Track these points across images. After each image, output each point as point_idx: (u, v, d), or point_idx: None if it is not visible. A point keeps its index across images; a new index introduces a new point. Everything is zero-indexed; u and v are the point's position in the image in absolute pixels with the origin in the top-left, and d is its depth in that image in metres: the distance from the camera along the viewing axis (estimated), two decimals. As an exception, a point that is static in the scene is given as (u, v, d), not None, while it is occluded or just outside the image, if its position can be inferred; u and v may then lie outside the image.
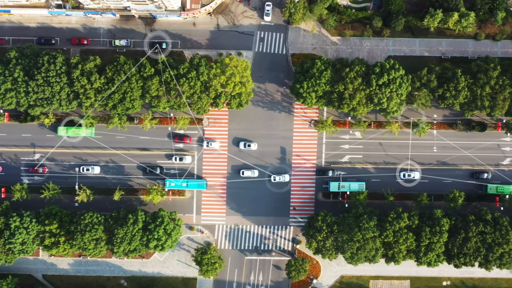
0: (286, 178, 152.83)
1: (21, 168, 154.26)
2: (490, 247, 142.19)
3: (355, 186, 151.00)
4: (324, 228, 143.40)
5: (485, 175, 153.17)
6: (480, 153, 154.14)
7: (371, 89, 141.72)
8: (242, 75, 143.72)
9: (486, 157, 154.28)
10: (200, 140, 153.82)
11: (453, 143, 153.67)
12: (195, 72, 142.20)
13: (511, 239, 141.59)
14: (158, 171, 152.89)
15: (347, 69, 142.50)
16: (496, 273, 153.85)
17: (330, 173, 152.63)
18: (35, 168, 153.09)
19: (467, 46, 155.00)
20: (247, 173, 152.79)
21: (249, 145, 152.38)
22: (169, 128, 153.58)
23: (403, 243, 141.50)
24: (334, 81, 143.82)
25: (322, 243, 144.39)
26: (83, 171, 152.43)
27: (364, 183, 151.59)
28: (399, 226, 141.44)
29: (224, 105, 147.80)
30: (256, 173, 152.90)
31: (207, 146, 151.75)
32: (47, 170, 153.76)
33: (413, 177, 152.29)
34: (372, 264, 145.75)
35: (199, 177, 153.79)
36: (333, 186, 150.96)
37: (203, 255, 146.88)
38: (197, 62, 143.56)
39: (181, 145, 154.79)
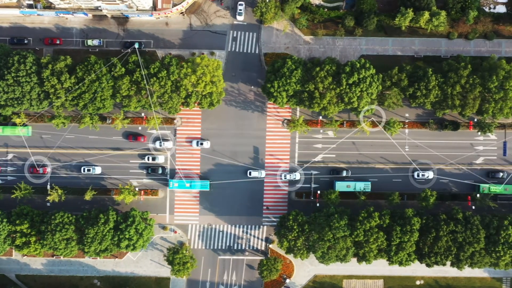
0: (295, 176, 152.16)
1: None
2: (461, 246, 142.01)
3: (360, 185, 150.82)
4: (295, 227, 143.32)
5: (500, 174, 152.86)
6: (453, 152, 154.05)
7: (341, 88, 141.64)
8: (213, 75, 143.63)
9: (459, 156, 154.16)
10: (167, 139, 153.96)
11: (426, 142, 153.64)
12: (165, 71, 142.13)
13: (482, 238, 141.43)
14: (160, 171, 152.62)
15: (318, 68, 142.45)
16: (469, 272, 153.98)
17: (344, 173, 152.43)
18: (36, 169, 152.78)
19: (440, 45, 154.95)
20: (254, 174, 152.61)
21: (201, 143, 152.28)
22: (140, 128, 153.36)
23: (374, 242, 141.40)
24: (305, 80, 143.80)
25: (293, 242, 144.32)
26: (84, 171, 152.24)
27: (369, 183, 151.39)
28: (369, 226, 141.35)
29: (195, 104, 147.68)
30: (263, 173, 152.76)
31: (160, 146, 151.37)
32: (47, 170, 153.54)
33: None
34: (344, 263, 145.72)
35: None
36: (339, 186, 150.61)
37: (175, 255, 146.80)
38: (168, 62, 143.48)
39: (153, 145, 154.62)
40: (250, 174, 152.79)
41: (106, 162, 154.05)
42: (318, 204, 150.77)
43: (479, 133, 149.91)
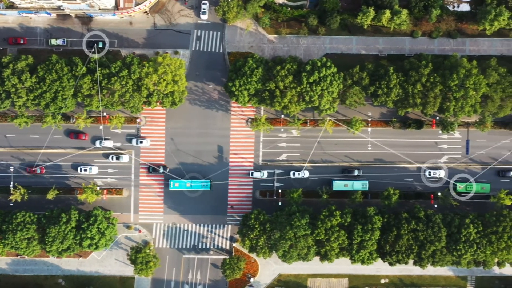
0: (304, 173, 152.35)
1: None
2: (423, 244, 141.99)
3: (358, 185, 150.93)
4: (256, 226, 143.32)
5: (511, 173, 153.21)
6: (417, 151, 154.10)
7: (302, 87, 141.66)
8: (175, 74, 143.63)
9: (423, 154, 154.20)
10: (129, 139, 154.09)
11: (390, 140, 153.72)
12: (127, 70, 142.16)
13: (443, 237, 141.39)
14: (161, 170, 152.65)
15: (279, 67, 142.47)
16: (434, 271, 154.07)
17: (356, 172, 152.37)
18: (33, 169, 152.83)
19: (404, 44, 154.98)
20: (256, 174, 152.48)
21: (141, 142, 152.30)
22: (100, 127, 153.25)
23: (335, 241, 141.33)
24: (266, 79, 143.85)
25: (255, 241, 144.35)
26: (81, 171, 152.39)
27: (367, 182, 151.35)
28: (330, 224, 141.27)
29: (157, 103, 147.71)
30: (265, 174, 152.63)
31: (100, 145, 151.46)
32: (44, 170, 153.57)
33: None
34: (306, 262, 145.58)
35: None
36: (337, 185, 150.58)
37: (138, 254, 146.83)
38: (129, 61, 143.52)
39: (118, 144, 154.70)
40: (252, 174, 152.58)
41: (71, 162, 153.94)
42: (280, 203, 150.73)
43: (442, 131, 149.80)
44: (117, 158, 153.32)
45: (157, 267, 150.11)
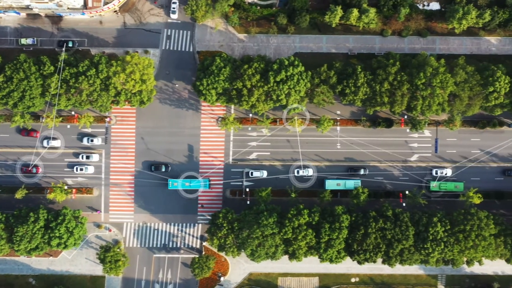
0: (308, 171, 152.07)
1: None
2: (390, 243, 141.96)
3: (350, 184, 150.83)
4: (225, 225, 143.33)
5: None
6: (388, 150, 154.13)
7: (269, 85, 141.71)
8: (143, 73, 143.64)
9: (393, 153, 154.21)
10: (103, 138, 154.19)
11: (360, 139, 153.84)
12: (94, 70, 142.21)
13: (410, 235, 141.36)
14: (163, 169, 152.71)
15: (246, 66, 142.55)
16: (405, 269, 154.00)
17: (362, 171, 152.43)
18: (29, 169, 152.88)
19: (374, 43, 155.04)
20: (256, 174, 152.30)
21: (92, 140, 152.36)
22: (68, 126, 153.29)
23: (302, 239, 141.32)
24: (233, 78, 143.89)
25: (223, 240, 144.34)
26: (77, 170, 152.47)
27: (359, 181, 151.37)
28: (298, 223, 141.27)
29: (126, 103, 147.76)
30: (265, 173, 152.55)
31: (47, 144, 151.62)
32: (40, 170, 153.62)
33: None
34: (274, 260, 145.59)
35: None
36: (330, 184, 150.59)
37: (106, 253, 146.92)
38: (97, 60, 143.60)
39: (89, 143, 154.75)
40: (251, 174, 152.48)
41: (44, 161, 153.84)
42: (248, 202, 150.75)
43: (410, 130, 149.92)
44: (87, 157, 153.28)
45: (126, 266, 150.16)
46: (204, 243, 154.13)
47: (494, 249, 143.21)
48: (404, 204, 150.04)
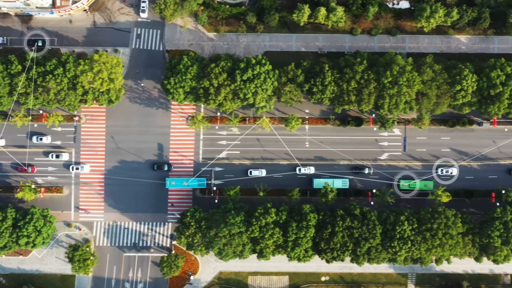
0: (310, 169, 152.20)
1: None
2: (358, 241, 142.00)
3: (338, 183, 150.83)
4: (192, 224, 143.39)
5: None
6: (358, 148, 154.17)
7: (236, 84, 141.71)
8: (110, 72, 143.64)
9: (363, 152, 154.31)
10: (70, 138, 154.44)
11: (328, 138, 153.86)
12: (62, 69, 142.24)
13: (378, 234, 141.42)
14: (166, 168, 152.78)
15: (213, 65, 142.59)
16: (375, 268, 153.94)
17: (366, 171, 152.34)
18: (24, 168, 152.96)
19: (344, 41, 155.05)
20: (255, 173, 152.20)
21: (41, 139, 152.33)
22: (35, 125, 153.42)
23: (269, 238, 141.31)
24: (201, 77, 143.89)
25: (190, 238, 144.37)
26: (73, 170, 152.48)
27: (347, 179, 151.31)
28: (265, 222, 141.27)
29: (94, 101, 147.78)
30: (264, 172, 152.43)
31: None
32: (36, 169, 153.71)
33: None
34: (242, 259, 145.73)
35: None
36: (318, 183, 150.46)
37: (75, 252, 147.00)
38: (64, 59, 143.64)
39: (58, 142, 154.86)
40: (250, 173, 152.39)
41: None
42: (216, 201, 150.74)
43: (379, 128, 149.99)
44: (57, 156, 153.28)
45: (95, 265, 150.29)
46: (174, 242, 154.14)
47: (461, 248, 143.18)
48: (372, 203, 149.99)
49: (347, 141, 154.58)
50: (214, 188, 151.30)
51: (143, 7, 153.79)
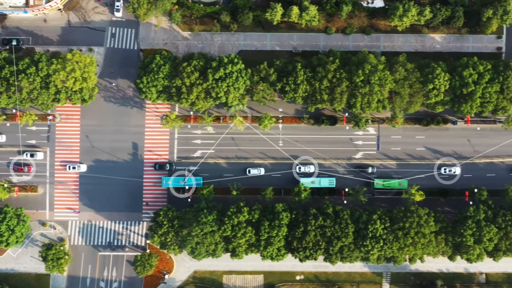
0: (309, 168, 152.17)
1: None
2: (330, 240, 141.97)
3: (325, 182, 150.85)
4: (165, 223, 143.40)
5: None
6: (332, 147, 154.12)
7: (208, 83, 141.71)
8: (83, 71, 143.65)
9: (338, 151, 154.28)
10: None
11: (303, 137, 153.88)
12: (34, 68, 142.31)
13: (350, 233, 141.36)
14: (167, 168, 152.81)
15: (185, 64, 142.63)
16: (349, 267, 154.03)
17: (370, 170, 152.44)
18: (20, 167, 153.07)
19: (318, 40, 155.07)
20: (254, 171, 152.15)
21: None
22: (7, 125, 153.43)
23: (242, 237, 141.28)
24: (173, 76, 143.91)
25: (163, 238, 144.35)
26: (69, 169, 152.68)
27: (334, 178, 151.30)
28: (238, 220, 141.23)
29: (67, 100, 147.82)
30: (262, 171, 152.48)
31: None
32: (32, 169, 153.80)
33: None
34: (215, 258, 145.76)
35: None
36: (304, 182, 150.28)
37: (48, 251, 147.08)
38: (37, 58, 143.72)
39: (33, 141, 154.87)
40: (249, 172, 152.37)
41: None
42: (189, 200, 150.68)
43: (352, 127, 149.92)
44: (32, 156, 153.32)
45: (69, 264, 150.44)
46: (148, 241, 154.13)
47: (434, 247, 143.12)
48: (345, 202, 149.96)
49: (322, 140, 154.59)
50: (187, 187, 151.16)
51: (118, 6, 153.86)
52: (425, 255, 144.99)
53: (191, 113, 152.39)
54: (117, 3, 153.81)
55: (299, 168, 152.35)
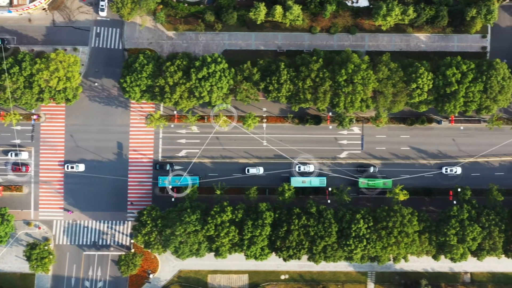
0: (309, 167, 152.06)
1: None
2: (313, 240, 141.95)
3: (316, 181, 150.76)
4: (148, 222, 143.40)
5: None
6: (317, 147, 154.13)
7: (191, 83, 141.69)
8: (67, 70, 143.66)
9: (323, 150, 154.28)
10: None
11: (288, 136, 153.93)
12: (18, 67, 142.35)
13: (333, 232, 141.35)
14: (167, 167, 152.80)
15: (168, 63, 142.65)
16: (334, 266, 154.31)
17: (372, 169, 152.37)
18: (18, 167, 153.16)
19: (303, 40, 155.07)
20: (252, 170, 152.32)
21: None
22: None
23: (225, 236, 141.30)
24: (157, 75, 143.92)
25: (147, 237, 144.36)
26: (68, 169, 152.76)
27: (325, 178, 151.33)
28: (221, 220, 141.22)
29: (51, 100, 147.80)
30: (261, 170, 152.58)
31: None
32: (29, 168, 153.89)
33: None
34: (199, 257, 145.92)
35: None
36: (295, 181, 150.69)
37: (32, 251, 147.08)
38: (21, 58, 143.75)
39: (18, 141, 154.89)
40: (248, 171, 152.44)
41: None
42: (173, 199, 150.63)
43: (337, 127, 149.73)
44: (16, 155, 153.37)
45: (53, 263, 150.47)
46: (132, 241, 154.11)
47: (418, 246, 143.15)
48: (329, 201, 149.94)
49: (306, 139, 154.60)
50: (170, 187, 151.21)
51: (102, 5, 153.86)
52: (409, 254, 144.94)
53: (175, 112, 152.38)
54: (101, 3, 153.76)
55: (299, 167, 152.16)
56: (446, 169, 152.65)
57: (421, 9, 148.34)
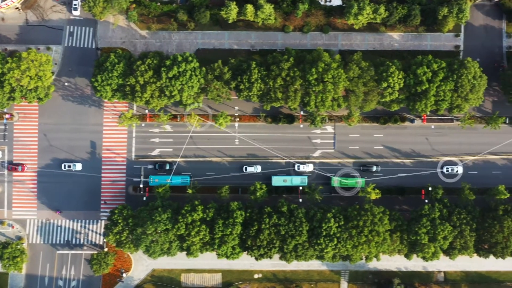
0: (308, 167, 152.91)
1: None
2: (284, 239, 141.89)
3: (297, 180, 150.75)
4: (120, 221, 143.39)
5: None
6: (290, 146, 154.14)
7: (162, 81, 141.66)
8: (39, 69, 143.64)
9: (296, 149, 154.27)
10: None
11: (260, 135, 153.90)
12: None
13: (304, 231, 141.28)
14: (167, 167, 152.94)
15: (139, 62, 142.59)
16: (308, 265, 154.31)
17: (374, 168, 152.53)
18: (14, 167, 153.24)
19: (276, 39, 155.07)
20: (250, 169, 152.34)
21: None
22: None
23: (196, 235, 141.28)
24: (128, 74, 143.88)
25: (118, 236, 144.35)
26: (64, 168, 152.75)
27: (306, 177, 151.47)
28: (192, 219, 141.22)
29: (23, 99, 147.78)
30: (259, 168, 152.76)
31: None
32: (26, 168, 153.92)
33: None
34: (171, 256, 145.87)
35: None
36: (276, 181, 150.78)
37: (4, 249, 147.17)
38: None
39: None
40: (246, 169, 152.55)
41: None
42: (145, 198, 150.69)
43: (309, 126, 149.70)
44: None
45: (25, 262, 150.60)
46: (105, 239, 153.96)
47: (389, 245, 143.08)
48: (300, 200, 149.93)
49: (279, 138, 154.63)
50: (141, 186, 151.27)
51: (75, 5, 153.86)
52: (380, 253, 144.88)
53: (147, 111, 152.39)
54: (74, 2, 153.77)
55: (298, 166, 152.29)
56: (447, 168, 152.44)
57: (393, 8, 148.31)
